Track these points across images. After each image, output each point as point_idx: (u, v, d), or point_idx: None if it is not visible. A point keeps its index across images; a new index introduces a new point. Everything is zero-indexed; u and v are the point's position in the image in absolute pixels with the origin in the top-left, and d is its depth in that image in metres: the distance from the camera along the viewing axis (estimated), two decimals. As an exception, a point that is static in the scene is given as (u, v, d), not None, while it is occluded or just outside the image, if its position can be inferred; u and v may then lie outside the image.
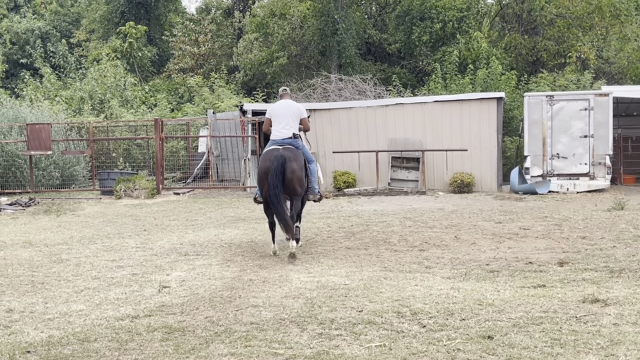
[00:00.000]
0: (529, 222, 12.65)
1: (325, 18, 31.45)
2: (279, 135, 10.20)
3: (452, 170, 19.27)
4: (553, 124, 18.84)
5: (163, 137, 20.84)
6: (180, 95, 33.84)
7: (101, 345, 5.66)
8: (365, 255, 9.64)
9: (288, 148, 10.00)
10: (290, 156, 9.78)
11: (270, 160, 9.69)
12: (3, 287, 8.07)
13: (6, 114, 22.19)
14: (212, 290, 7.60)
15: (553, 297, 6.86)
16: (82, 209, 16.78)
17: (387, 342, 5.54)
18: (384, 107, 20.38)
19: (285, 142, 10.09)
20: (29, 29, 41.99)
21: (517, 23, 32.74)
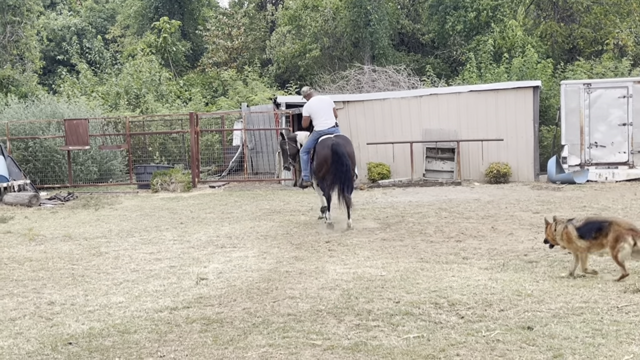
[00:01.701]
0: (567, 212, 12.48)
1: (358, 9, 31.32)
2: (324, 125, 11.72)
3: (488, 160, 19.07)
4: (591, 112, 18.54)
5: (198, 130, 20.98)
6: (215, 89, 34.03)
7: (141, 337, 5.73)
8: (401, 246, 9.60)
9: (340, 136, 11.68)
10: (345, 143, 11.45)
11: (329, 147, 11.21)
12: (44, 280, 8.21)
13: (44, 109, 22.52)
14: (249, 282, 7.65)
15: (593, 287, 6.77)
16: (119, 202, 16.99)
17: (425, 333, 5.52)
18: (418, 97, 20.25)
19: (332, 131, 11.66)
20: (65, 25, 42.56)
21: (552, 10, 32.22)
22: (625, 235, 6.81)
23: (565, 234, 7.22)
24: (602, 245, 7.03)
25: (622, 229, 6.91)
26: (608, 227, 6.98)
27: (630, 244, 6.78)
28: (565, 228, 7.23)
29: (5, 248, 10.72)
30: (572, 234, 7.14)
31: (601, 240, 7.00)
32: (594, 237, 7.04)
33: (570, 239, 7.17)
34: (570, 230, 7.16)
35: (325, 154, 11.23)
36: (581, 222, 7.22)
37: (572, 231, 7.15)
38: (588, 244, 7.10)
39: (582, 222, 7.23)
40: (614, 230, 6.92)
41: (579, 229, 7.13)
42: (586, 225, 7.15)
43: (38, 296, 7.35)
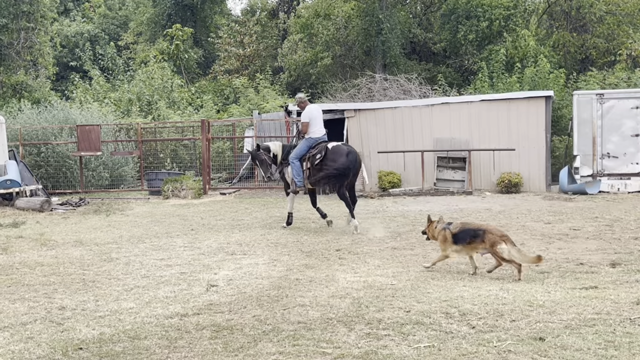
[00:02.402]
0: (579, 222, 12.42)
1: (370, 18, 31.37)
2: (319, 133, 12.62)
3: (500, 170, 19.02)
4: (603, 123, 18.47)
5: (209, 137, 21.03)
6: (226, 97, 34.14)
7: (151, 343, 5.73)
8: (412, 255, 9.58)
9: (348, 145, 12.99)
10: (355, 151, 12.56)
11: (346, 154, 12.13)
12: (55, 285, 8.23)
13: (57, 115, 22.66)
14: (259, 289, 7.64)
15: (605, 298, 6.72)
16: (130, 208, 17.03)
17: (436, 342, 5.49)
18: (429, 106, 20.24)
19: (324, 139, 12.62)
20: (79, 32, 42.84)
21: (565, 20, 32.19)
22: (498, 240, 7.78)
23: (443, 236, 8.17)
24: (474, 249, 8.00)
25: (495, 235, 7.83)
26: (483, 234, 7.88)
27: (505, 246, 7.74)
28: (444, 231, 8.18)
29: (17, 253, 10.76)
30: (448, 238, 8.10)
31: (475, 245, 7.95)
32: (468, 242, 7.96)
33: (446, 241, 8.13)
34: (447, 235, 8.12)
35: (345, 162, 12.09)
36: (457, 229, 8.10)
37: (449, 236, 8.10)
38: (460, 248, 8.06)
39: (459, 228, 8.11)
40: (488, 237, 7.83)
41: (455, 235, 8.07)
42: (462, 231, 8.06)
43: (49, 301, 7.36)
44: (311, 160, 12.40)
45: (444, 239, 8.17)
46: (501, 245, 7.72)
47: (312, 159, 12.39)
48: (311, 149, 12.49)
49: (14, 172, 18.22)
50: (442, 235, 8.20)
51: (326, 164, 12.16)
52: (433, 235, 8.41)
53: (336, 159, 12.10)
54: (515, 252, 7.79)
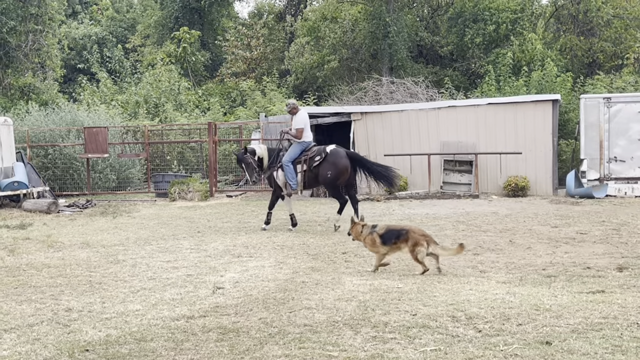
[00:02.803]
0: (586, 226, 12.39)
1: (377, 21, 31.37)
2: (310, 137, 13.16)
3: (506, 173, 18.99)
4: (610, 127, 18.42)
5: (216, 140, 21.07)
6: (233, 99, 34.18)
7: (157, 345, 5.74)
8: (418, 258, 9.55)
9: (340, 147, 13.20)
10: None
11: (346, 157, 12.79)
12: (62, 286, 8.25)
13: (64, 117, 22.74)
14: (265, 291, 7.64)
15: (613, 302, 6.70)
16: (137, 210, 17.07)
17: (442, 346, 5.48)
18: (436, 109, 20.23)
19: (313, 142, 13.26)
20: (86, 34, 42.97)
21: (572, 24, 32.12)
22: (421, 240, 8.25)
23: (371, 239, 8.53)
24: (399, 248, 8.44)
25: (418, 235, 8.32)
26: (406, 234, 8.35)
27: (425, 247, 8.23)
28: (371, 235, 8.55)
29: (24, 254, 10.80)
30: (377, 240, 8.48)
31: (399, 245, 8.40)
32: (394, 242, 8.42)
33: (374, 243, 8.51)
34: (375, 237, 8.49)
35: (345, 163, 12.76)
36: (383, 230, 8.53)
37: (377, 238, 8.48)
38: (388, 248, 8.48)
39: (384, 230, 8.54)
40: (411, 237, 8.29)
41: (382, 236, 8.47)
42: (387, 233, 8.49)
43: (56, 303, 7.38)
44: (309, 162, 12.86)
45: (372, 242, 8.54)
46: (420, 247, 8.22)
47: (310, 161, 12.87)
48: (304, 152, 12.93)
49: (22, 173, 18.29)
50: (370, 239, 8.56)
51: (326, 166, 12.74)
52: (358, 237, 8.75)
53: (337, 161, 12.74)
54: (439, 248, 8.36)
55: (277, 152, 13.17)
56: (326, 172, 12.76)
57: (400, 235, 8.41)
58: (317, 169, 12.86)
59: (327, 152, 12.87)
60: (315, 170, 12.88)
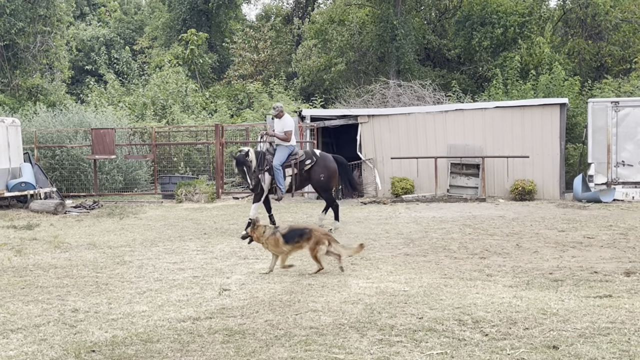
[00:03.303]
0: (593, 230, 12.35)
1: (384, 24, 31.36)
2: (294, 141, 13.29)
3: (513, 177, 18.95)
4: (618, 131, 18.37)
5: (223, 142, 21.08)
6: (240, 101, 34.20)
7: (163, 346, 5.74)
8: (425, 262, 9.55)
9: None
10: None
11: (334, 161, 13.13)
12: (69, 287, 8.27)
13: (72, 118, 22.79)
14: (271, 294, 7.64)
15: (620, 307, 6.67)
16: (144, 212, 17.09)
17: (449, 350, 5.47)
18: (443, 112, 20.19)
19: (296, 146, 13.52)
20: (94, 36, 43.10)
21: (580, 28, 32.05)
22: (322, 239, 8.57)
23: (274, 239, 8.67)
24: (301, 247, 8.70)
25: (320, 234, 8.66)
26: (309, 233, 8.64)
27: (326, 245, 8.55)
28: (274, 234, 8.72)
29: (31, 255, 10.82)
30: (280, 240, 8.65)
31: (301, 244, 8.66)
32: (296, 241, 8.65)
33: (277, 244, 8.67)
34: (278, 237, 8.67)
35: (335, 167, 13.14)
36: (286, 230, 8.78)
37: (280, 238, 8.65)
38: (291, 248, 8.70)
39: (287, 229, 8.80)
40: (314, 235, 8.59)
41: (285, 235, 8.68)
42: (290, 232, 8.74)
43: (62, 303, 7.40)
44: (299, 166, 13.00)
45: (275, 242, 8.70)
46: (321, 246, 8.54)
47: (300, 164, 13.00)
48: (291, 155, 13.05)
49: (29, 174, 18.34)
50: (273, 239, 8.72)
51: (318, 169, 12.96)
52: (259, 239, 8.87)
53: (328, 165, 13.05)
54: (340, 247, 8.73)
55: (262, 155, 13.09)
56: (319, 175, 13.02)
57: (303, 234, 8.65)
58: (309, 173, 13.05)
59: (318, 155, 13.19)
60: (306, 174, 13.06)
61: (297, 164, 13.01)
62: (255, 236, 8.90)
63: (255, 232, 8.88)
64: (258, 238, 8.88)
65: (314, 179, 13.07)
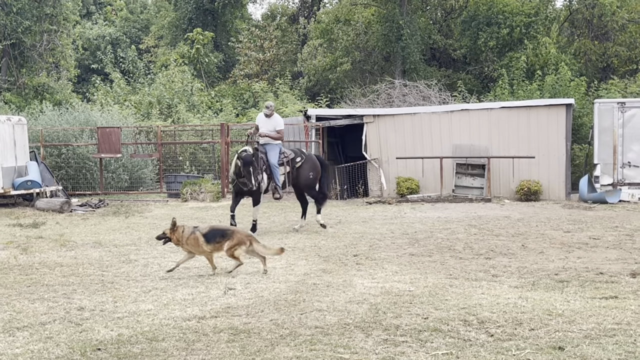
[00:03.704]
0: (599, 231, 12.32)
1: (390, 24, 31.32)
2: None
3: (519, 177, 18.92)
4: (624, 132, 18.32)
5: (229, 141, 21.10)
6: (245, 101, 34.20)
7: (169, 345, 5.75)
8: (430, 262, 9.54)
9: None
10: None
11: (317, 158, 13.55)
12: (74, 285, 8.29)
13: (78, 117, 22.84)
14: (276, 293, 7.64)
15: (626, 308, 6.66)
16: (149, 211, 17.12)
17: (454, 350, 5.47)
18: (448, 113, 20.17)
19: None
20: (100, 35, 43.15)
21: (587, 28, 31.97)
22: (244, 240, 8.64)
23: (194, 238, 8.62)
24: (222, 247, 8.66)
25: (242, 235, 8.75)
26: (232, 233, 8.71)
27: (247, 245, 8.64)
28: (193, 234, 8.66)
29: (37, 253, 10.85)
30: (200, 239, 8.60)
31: (222, 244, 8.63)
32: (217, 241, 8.64)
33: (197, 243, 8.62)
34: (198, 236, 8.62)
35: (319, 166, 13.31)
36: (207, 230, 8.74)
37: (200, 237, 8.61)
38: (212, 247, 8.67)
39: (207, 229, 8.76)
40: (236, 236, 8.66)
41: (205, 235, 8.64)
42: (211, 232, 8.72)
43: (68, 301, 7.42)
44: (291, 164, 13.01)
45: (195, 241, 8.64)
46: (242, 246, 8.61)
47: (292, 162, 13.01)
48: (281, 154, 13.03)
49: (35, 173, 18.39)
50: (193, 239, 8.65)
51: (307, 167, 13.06)
52: (179, 240, 8.74)
53: (315, 163, 13.26)
54: (261, 247, 8.79)
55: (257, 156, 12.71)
56: (308, 173, 13.11)
57: (225, 235, 8.68)
58: (299, 170, 13.06)
59: (306, 154, 13.47)
60: (295, 172, 13.06)
61: (289, 162, 12.99)
62: (174, 238, 8.73)
63: (175, 234, 8.72)
64: (178, 239, 8.72)
65: (303, 176, 13.08)
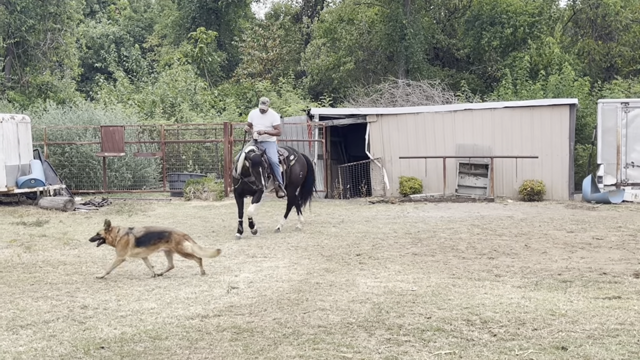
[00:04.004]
0: (602, 232, 12.31)
1: (394, 23, 31.31)
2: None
3: (522, 177, 18.90)
4: (628, 132, 18.29)
5: (232, 140, 21.11)
6: (249, 100, 34.20)
7: (172, 344, 5.76)
8: (433, 261, 9.54)
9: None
10: None
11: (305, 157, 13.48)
12: (78, 284, 8.30)
13: (81, 116, 22.87)
14: (279, 292, 7.65)
15: (629, 309, 6.66)
16: (152, 209, 17.14)
17: (457, 350, 5.47)
18: (452, 112, 20.15)
19: None
20: (104, 34, 43.21)
21: (590, 28, 31.93)
22: (182, 240, 8.61)
23: (125, 240, 8.57)
24: (158, 248, 8.68)
25: (179, 236, 8.69)
26: (168, 235, 8.67)
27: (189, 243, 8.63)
28: (126, 236, 8.60)
29: (40, 251, 10.87)
30: (131, 242, 8.54)
31: (158, 246, 8.65)
32: (153, 243, 8.62)
33: (127, 245, 8.55)
34: (130, 238, 8.56)
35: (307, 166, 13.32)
36: (142, 233, 8.68)
37: (132, 240, 8.55)
38: (143, 250, 8.62)
39: (142, 232, 8.69)
40: (173, 237, 8.62)
41: (139, 238, 8.59)
42: (146, 234, 8.67)
43: (71, 300, 7.43)
44: (287, 162, 12.88)
45: (125, 244, 8.57)
46: (185, 243, 8.59)
47: (287, 160, 12.89)
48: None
49: (39, 171, 18.42)
50: (124, 240, 8.59)
51: (298, 166, 13.06)
52: (112, 241, 8.67)
53: (304, 162, 13.25)
54: (197, 248, 8.76)
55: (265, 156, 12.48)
56: (299, 172, 13.08)
57: (161, 237, 8.67)
58: (291, 169, 12.99)
59: (297, 152, 13.41)
60: (289, 170, 12.96)
61: (284, 160, 12.84)
62: (109, 239, 8.67)
63: (110, 235, 8.65)
64: (113, 241, 8.65)
65: (294, 174, 13.00)
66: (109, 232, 8.68)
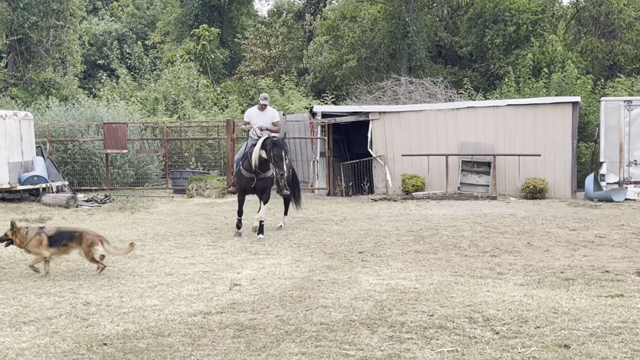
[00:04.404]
0: (605, 230, 12.30)
1: (396, 21, 31.28)
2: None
3: (525, 175, 18.88)
4: (631, 130, 18.27)
5: (234, 137, 21.11)
6: (251, 97, 34.18)
7: (175, 340, 5.77)
8: (435, 259, 9.54)
9: None
10: None
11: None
12: (80, 280, 8.31)
13: (84, 113, 22.89)
14: (282, 289, 7.66)
15: (632, 307, 6.65)
16: (155, 206, 17.15)
17: (460, 347, 5.47)
18: (454, 110, 20.13)
19: None
20: (107, 31, 43.22)
21: (593, 26, 31.88)
22: (96, 240, 8.46)
23: (38, 240, 8.43)
24: (69, 250, 8.54)
25: (92, 236, 8.53)
26: (80, 236, 8.49)
27: (101, 246, 8.46)
28: (39, 235, 8.47)
29: (43, 248, 10.86)
30: (44, 241, 8.41)
31: (71, 246, 8.51)
32: (64, 244, 8.47)
33: (40, 245, 8.41)
34: (43, 238, 8.43)
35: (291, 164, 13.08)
36: (53, 232, 8.55)
37: (44, 239, 8.42)
38: (56, 250, 8.49)
39: (54, 231, 8.57)
40: (86, 238, 8.46)
41: (51, 237, 8.46)
42: (58, 234, 8.54)
43: (74, 296, 7.44)
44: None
45: (38, 243, 8.44)
46: (97, 247, 8.44)
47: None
48: None
49: (41, 168, 18.44)
50: (36, 240, 8.46)
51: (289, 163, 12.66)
52: (22, 242, 8.53)
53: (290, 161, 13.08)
54: (112, 248, 8.70)
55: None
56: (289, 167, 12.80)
57: (73, 237, 8.52)
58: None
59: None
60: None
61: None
62: (17, 240, 8.55)
63: (18, 236, 8.54)
64: (21, 241, 8.54)
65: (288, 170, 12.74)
66: (15, 233, 8.56)
